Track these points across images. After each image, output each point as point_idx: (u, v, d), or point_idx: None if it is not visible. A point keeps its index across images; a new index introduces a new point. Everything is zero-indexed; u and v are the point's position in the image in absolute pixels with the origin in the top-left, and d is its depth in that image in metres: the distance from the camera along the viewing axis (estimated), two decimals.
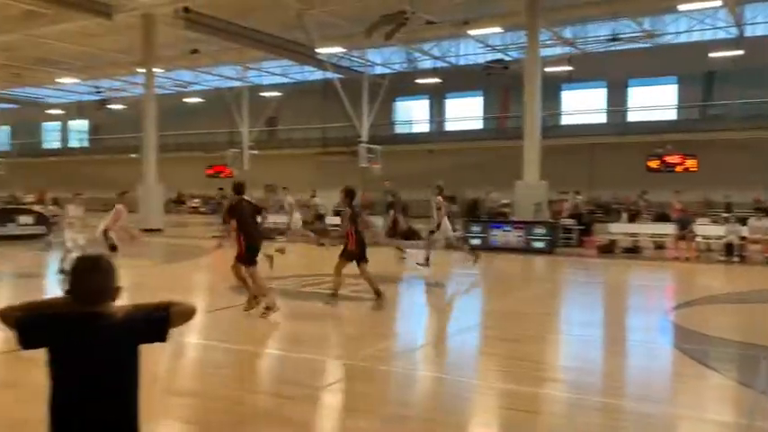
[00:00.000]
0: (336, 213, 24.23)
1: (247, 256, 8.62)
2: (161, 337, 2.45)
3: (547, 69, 23.06)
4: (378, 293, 9.56)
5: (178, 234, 23.90)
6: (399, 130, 37.97)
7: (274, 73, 36.81)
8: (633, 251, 17.26)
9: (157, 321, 2.44)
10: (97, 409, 2.33)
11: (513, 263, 16.07)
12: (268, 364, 6.89)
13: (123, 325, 2.39)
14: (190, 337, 7.86)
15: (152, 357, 2.75)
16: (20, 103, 45.34)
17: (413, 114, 37.94)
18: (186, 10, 20.02)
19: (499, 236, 17.53)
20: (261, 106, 33.79)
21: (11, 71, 33.73)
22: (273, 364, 6.84)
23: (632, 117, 31.36)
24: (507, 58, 28.03)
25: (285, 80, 37.03)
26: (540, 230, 17.28)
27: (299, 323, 8.79)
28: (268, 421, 5.03)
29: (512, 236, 17.36)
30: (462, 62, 33.55)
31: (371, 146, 28.16)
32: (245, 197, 9.04)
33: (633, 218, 19.56)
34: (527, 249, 17.04)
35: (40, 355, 3.32)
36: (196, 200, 42.91)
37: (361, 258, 9.60)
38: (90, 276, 2.38)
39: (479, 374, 6.54)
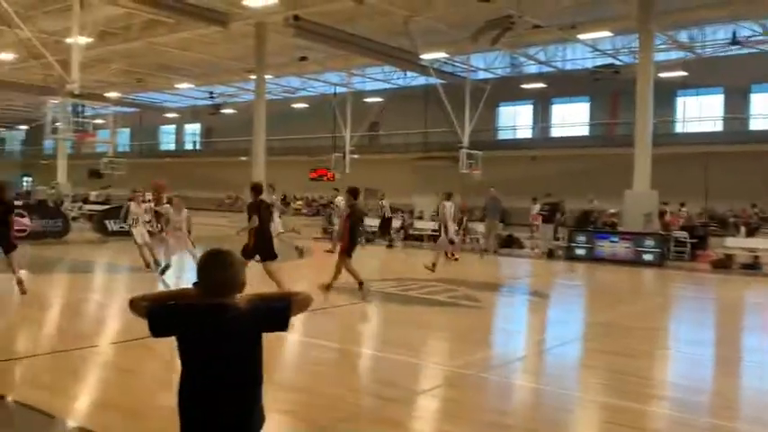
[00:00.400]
0: (433, 219, 24.24)
1: (257, 251, 9.63)
2: (283, 326, 2.58)
3: (660, 75, 22.08)
4: (360, 284, 10.14)
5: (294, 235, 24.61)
6: (502, 135, 37.52)
7: (377, 79, 37.32)
8: (752, 267, 16.19)
9: (279, 311, 2.56)
10: (224, 396, 2.46)
11: (619, 275, 15.48)
12: (368, 365, 6.98)
13: (249, 315, 2.52)
14: (292, 334, 8.11)
15: None
16: (140, 107, 48.32)
17: (516, 120, 37.37)
18: (296, 18, 20.66)
19: (606, 247, 16.94)
20: (363, 111, 34.37)
21: (134, 77, 36.04)
22: (373, 365, 6.93)
23: (754, 125, 29.48)
24: (617, 63, 27.05)
25: (387, 86, 37.45)
26: (649, 242, 16.55)
27: (398, 326, 8.85)
28: (369, 421, 5.10)
29: (619, 247, 16.73)
30: (569, 66, 32.71)
31: (472, 151, 27.95)
32: (263, 198, 10.16)
33: (752, 232, 18.37)
34: (635, 261, 16.36)
35: (157, 343, 3.52)
36: (299, 202, 44.20)
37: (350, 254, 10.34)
38: (219, 270, 2.52)
39: (581, 387, 6.35)
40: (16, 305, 9.86)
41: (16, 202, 19.57)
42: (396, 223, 22.36)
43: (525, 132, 36.73)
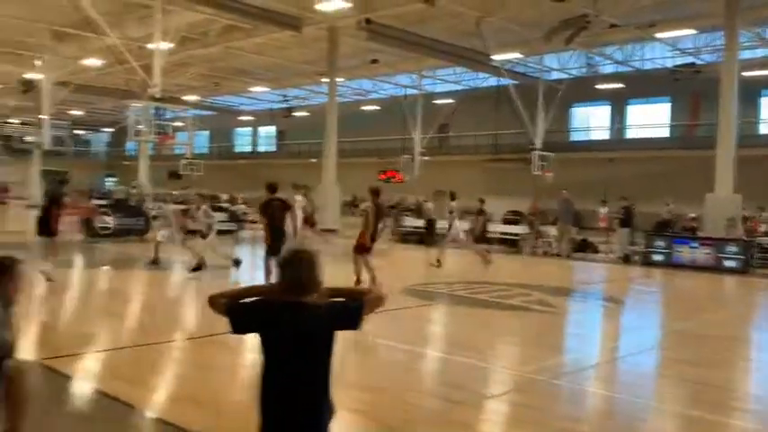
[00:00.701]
0: (506, 221, 23.97)
1: (273, 247, 10.05)
2: (355, 325, 2.63)
3: (744, 74, 21.08)
4: (374, 280, 10.63)
5: (353, 235, 24.86)
6: (575, 137, 36.69)
7: (448, 80, 37.19)
8: None
9: (354, 311, 2.62)
10: (300, 391, 2.53)
11: (699, 281, 14.87)
12: (436, 367, 6.96)
13: (325, 314, 2.58)
14: (362, 334, 8.17)
15: None
16: (217, 110, 49.83)
17: (591, 121, 36.46)
18: (368, 21, 20.83)
19: (685, 252, 16.29)
20: (433, 113, 34.27)
21: (211, 81, 37.21)
22: (442, 368, 6.90)
23: None
24: (698, 62, 26.01)
25: (458, 87, 37.26)
26: (732, 248, 15.81)
27: (468, 329, 8.79)
28: (438, 423, 5.08)
29: (699, 253, 16.06)
30: (647, 66, 31.67)
31: (545, 153, 27.45)
32: (277, 196, 10.65)
33: None
34: (716, 268, 15.66)
35: (229, 340, 3.59)
36: (367, 203, 44.48)
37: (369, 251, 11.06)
38: (299, 269, 2.58)
39: (657, 397, 6.14)
40: (99, 299, 10.35)
41: (100, 201, 20.46)
42: (464, 226, 22.18)
43: (600, 134, 35.77)
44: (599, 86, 30.95)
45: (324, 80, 29.35)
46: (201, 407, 5.15)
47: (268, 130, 53.68)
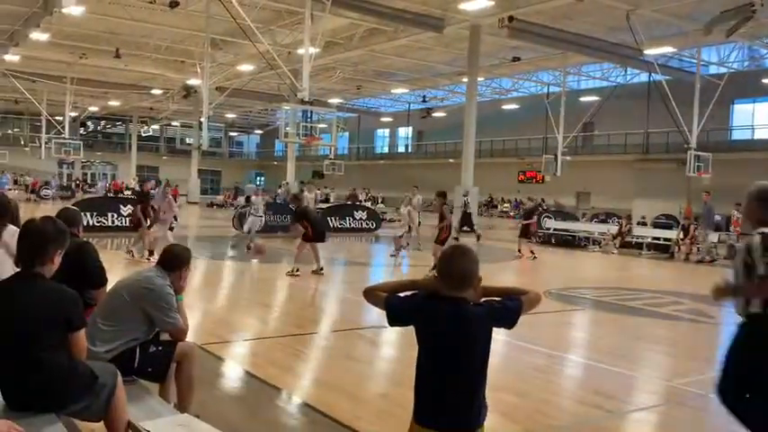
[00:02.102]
0: (657, 225, 22.65)
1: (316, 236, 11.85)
2: (512, 324, 2.60)
3: None
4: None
5: (489, 236, 24.59)
6: (738, 135, 33.93)
7: (594, 77, 35.73)
8: None
9: (512, 310, 2.59)
10: (454, 385, 2.53)
11: None
12: (582, 374, 6.67)
13: (485, 313, 2.57)
14: (507, 336, 8.02)
15: None
16: (358, 112, 51.22)
17: (756, 119, 33.55)
18: (511, 19, 20.47)
19: None
20: (578, 111, 33.05)
21: (355, 84, 38.29)
22: (587, 374, 6.60)
23: None
24: None
25: (605, 83, 35.67)
26: None
27: (616, 336, 8.37)
28: (587, 431, 4.87)
29: None
30: None
31: (701, 153, 25.58)
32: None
33: None
34: None
35: (370, 333, 3.62)
36: (506, 204, 43.83)
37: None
38: (460, 263, 2.60)
39: None
40: (250, 291, 10.95)
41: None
42: (613, 229, 21.23)
43: (765, 133, 32.81)
44: (765, 81, 28.40)
45: (463, 80, 29.23)
46: (344, 395, 5.28)
47: (407, 131, 54.43)
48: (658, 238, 19.58)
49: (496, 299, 2.66)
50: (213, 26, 23.41)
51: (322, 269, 11.81)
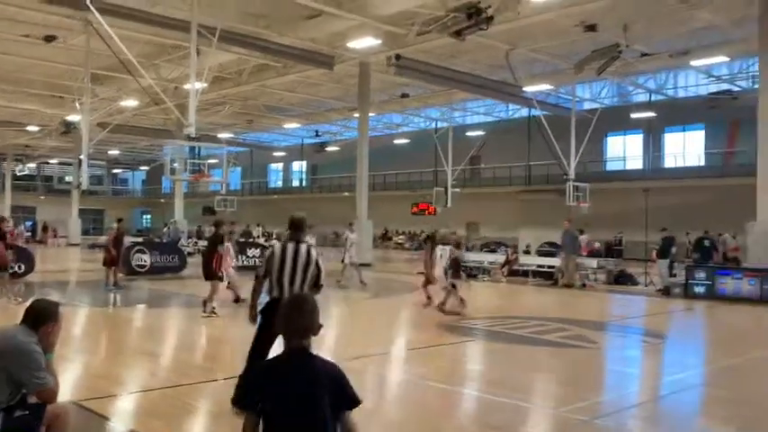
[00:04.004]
0: (541, 253, 23.63)
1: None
2: (342, 406, 2.70)
3: None
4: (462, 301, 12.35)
5: (385, 269, 24.80)
6: (611, 166, 36.28)
7: (478, 112, 37.25)
8: None
9: (348, 396, 2.72)
10: None
11: (744, 314, 14.36)
12: (472, 406, 6.77)
13: (329, 375, 2.71)
14: (397, 370, 8.04)
15: (361, 387, 2.93)
16: (250, 147, 50.61)
17: (626, 150, 36.06)
18: (398, 57, 21.03)
19: (728, 284, 15.80)
20: (465, 145, 34.25)
21: (245, 118, 37.86)
22: (478, 406, 6.71)
23: None
24: (735, 89, 25.62)
25: (489, 118, 37.26)
26: None
27: (505, 366, 8.58)
28: None
29: (743, 284, 15.55)
30: (682, 94, 31.35)
31: (579, 184, 27.10)
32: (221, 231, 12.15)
33: None
34: (761, 300, 15.13)
35: None
36: (401, 236, 44.49)
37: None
38: (297, 317, 2.76)
39: None
40: (136, 339, 10.39)
41: (135, 239, 20.66)
42: (499, 258, 21.97)
43: (636, 163, 35.32)
44: (633, 115, 30.65)
45: (355, 115, 29.62)
46: None
47: (301, 165, 54.31)
48: (543, 266, 20.42)
49: (344, 378, 2.73)
50: (94, 60, 22.48)
51: (214, 308, 11.47)
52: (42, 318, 3.83)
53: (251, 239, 30.27)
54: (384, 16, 18.60)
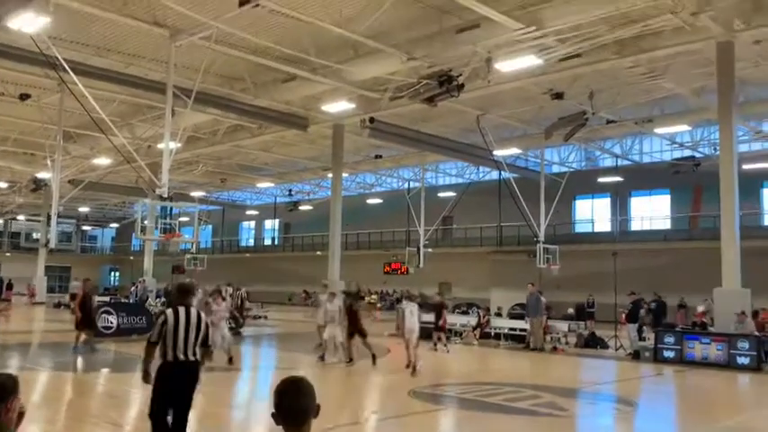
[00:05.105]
0: (513, 316, 23.63)
1: None
2: None
3: (745, 166, 21.38)
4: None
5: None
6: (579, 229, 36.86)
7: (450, 174, 37.80)
8: None
9: None
10: None
11: (712, 380, 14.45)
12: None
13: None
14: None
15: None
16: (223, 205, 50.46)
17: (594, 213, 36.74)
18: (371, 120, 21.40)
19: (696, 349, 15.93)
20: (437, 205, 34.61)
21: (218, 177, 37.86)
22: None
23: None
24: (698, 155, 26.45)
25: (461, 180, 37.80)
26: (744, 344, 15.46)
27: None
28: None
29: (711, 349, 15.70)
30: (647, 159, 32.26)
31: (549, 246, 27.45)
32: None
33: None
34: (729, 365, 15.26)
35: None
36: (374, 296, 44.25)
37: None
38: (297, 400, 2.66)
39: None
40: (98, 407, 10.05)
41: (103, 299, 20.25)
42: (471, 320, 21.93)
43: (604, 226, 35.96)
44: (600, 179, 31.36)
45: (329, 175, 29.85)
46: None
47: (273, 224, 54.16)
48: (514, 329, 20.41)
49: None
50: (67, 119, 22.47)
51: None
52: (1, 395, 3.71)
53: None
54: (358, 81, 19.00)
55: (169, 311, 6.18)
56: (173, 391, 5.94)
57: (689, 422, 10.23)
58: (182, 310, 6.16)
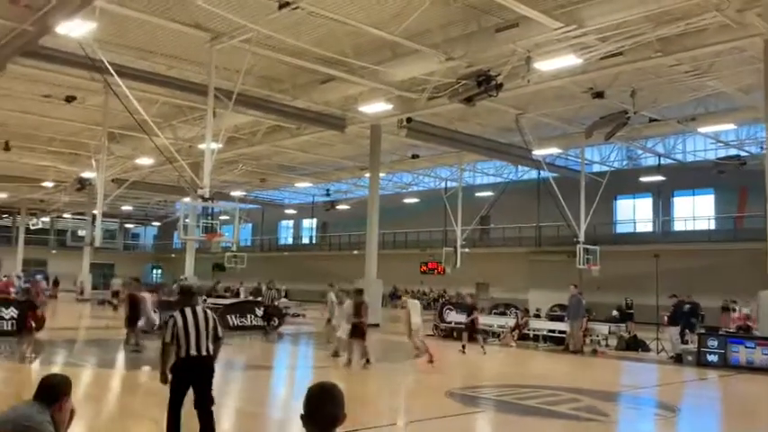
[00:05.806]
0: (552, 318, 23.37)
1: None
2: None
3: None
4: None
5: (394, 330, 24.54)
6: (621, 229, 36.25)
7: (488, 173, 37.56)
8: None
9: None
10: None
11: (758, 385, 14.08)
12: None
13: None
14: None
15: None
16: (262, 204, 51.06)
17: (636, 213, 36.10)
18: (409, 120, 21.39)
19: (740, 353, 15.54)
20: (474, 205, 34.42)
21: (257, 177, 38.33)
22: None
23: None
24: (743, 154, 25.78)
25: (499, 179, 37.53)
26: None
27: None
28: None
29: (756, 353, 15.29)
30: (690, 158, 31.57)
31: (589, 246, 27.08)
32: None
33: None
34: None
35: None
36: (409, 295, 44.20)
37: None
38: (326, 407, 2.69)
39: None
40: (141, 404, 10.30)
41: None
42: (509, 321, 21.75)
43: (646, 226, 35.28)
44: (642, 179, 30.80)
45: (366, 174, 29.95)
46: None
47: (311, 223, 54.58)
48: (553, 331, 20.18)
49: None
50: (111, 120, 23.00)
51: None
52: (54, 394, 3.84)
53: (260, 298, 30.13)
54: (395, 82, 19.02)
55: (177, 314, 6.50)
56: (189, 382, 6.35)
57: (733, 429, 9.99)
58: (188, 310, 6.50)
